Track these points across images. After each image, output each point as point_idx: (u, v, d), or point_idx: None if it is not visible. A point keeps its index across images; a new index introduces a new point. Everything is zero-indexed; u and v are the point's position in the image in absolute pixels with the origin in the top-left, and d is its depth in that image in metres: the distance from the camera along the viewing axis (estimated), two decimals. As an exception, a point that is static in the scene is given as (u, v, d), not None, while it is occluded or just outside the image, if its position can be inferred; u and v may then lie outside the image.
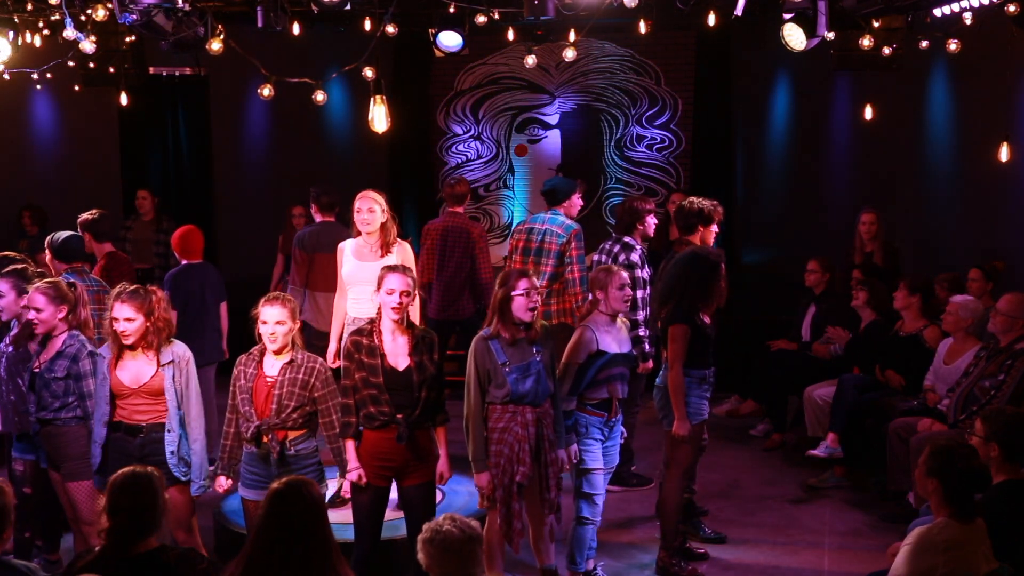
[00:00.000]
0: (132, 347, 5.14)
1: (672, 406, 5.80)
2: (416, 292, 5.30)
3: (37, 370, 5.35)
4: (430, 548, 3.56)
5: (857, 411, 7.20)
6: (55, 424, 5.34)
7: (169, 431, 5.13)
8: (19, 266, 5.96)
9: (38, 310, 5.31)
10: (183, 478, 5.15)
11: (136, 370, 5.14)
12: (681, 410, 5.76)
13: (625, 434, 5.97)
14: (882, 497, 6.94)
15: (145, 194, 9.87)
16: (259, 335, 5.07)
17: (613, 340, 5.64)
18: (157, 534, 3.72)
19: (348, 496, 5.24)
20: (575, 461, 5.57)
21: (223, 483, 5.20)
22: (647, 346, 6.87)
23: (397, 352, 5.08)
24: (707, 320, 5.91)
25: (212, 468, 5.31)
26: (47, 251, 6.70)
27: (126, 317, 5.07)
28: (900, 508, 6.54)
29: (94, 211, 7.49)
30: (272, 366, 5.08)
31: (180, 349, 5.21)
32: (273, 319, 5.03)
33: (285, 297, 5.15)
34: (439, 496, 6.23)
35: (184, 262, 7.43)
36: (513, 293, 5.21)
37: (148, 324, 5.12)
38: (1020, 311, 6.31)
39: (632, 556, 6.25)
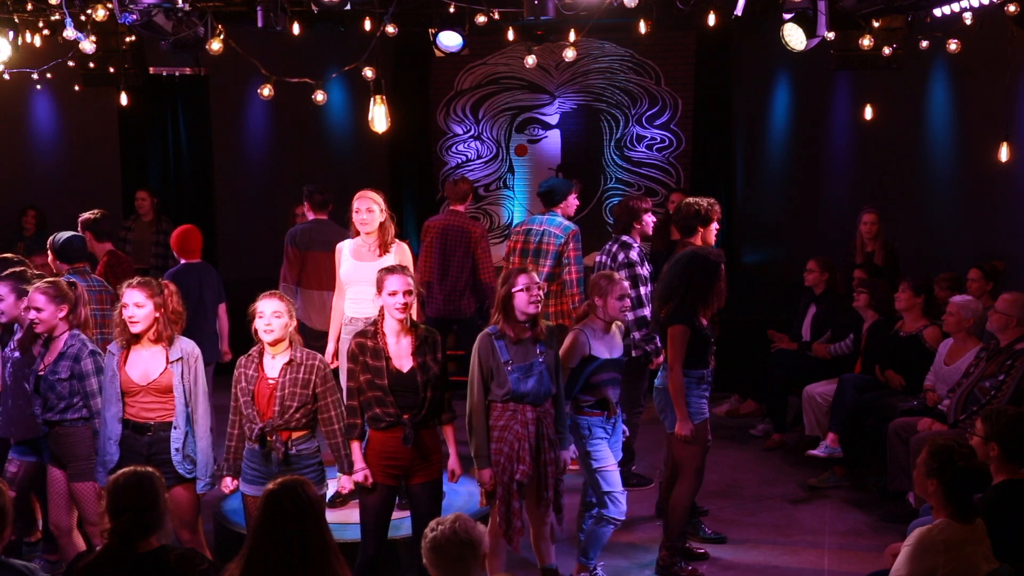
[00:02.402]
0: (139, 337, 5.13)
1: (672, 407, 5.81)
2: (417, 290, 5.31)
3: (41, 373, 5.35)
4: (424, 545, 3.57)
5: (857, 411, 7.20)
6: (62, 425, 5.33)
7: (175, 428, 5.13)
8: (17, 268, 5.95)
9: (38, 310, 5.31)
10: (188, 476, 5.14)
11: (145, 367, 5.14)
12: (683, 410, 5.76)
13: (627, 432, 5.96)
14: (882, 497, 6.94)
15: (144, 195, 9.86)
16: (255, 331, 5.07)
17: (605, 346, 5.63)
18: (158, 534, 3.72)
19: (345, 492, 5.24)
20: (573, 458, 5.57)
21: (229, 484, 5.20)
22: (658, 341, 6.85)
23: (401, 353, 5.08)
24: (704, 321, 5.90)
25: (215, 467, 5.31)
26: (49, 252, 6.70)
27: (136, 302, 5.08)
28: (900, 508, 6.55)
29: (95, 211, 7.48)
30: (272, 367, 5.07)
31: (189, 346, 5.22)
32: (270, 310, 5.03)
33: (282, 294, 5.17)
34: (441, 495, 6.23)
35: (183, 261, 7.43)
36: (514, 290, 5.22)
37: (158, 314, 5.12)
38: (1016, 310, 6.32)
39: (633, 556, 6.25)
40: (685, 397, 5.78)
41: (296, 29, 8.05)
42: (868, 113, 9.69)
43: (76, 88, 9.63)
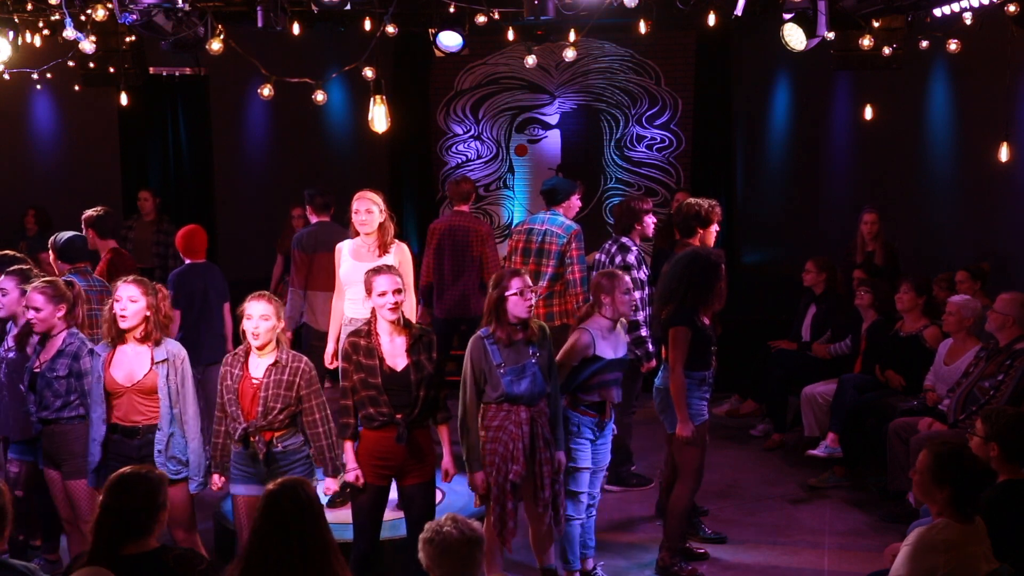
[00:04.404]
0: (125, 337, 5.12)
1: (673, 408, 5.81)
2: (408, 287, 5.30)
3: (38, 370, 5.35)
4: (430, 548, 3.56)
5: (857, 411, 7.20)
6: (58, 423, 5.33)
7: (159, 430, 5.13)
8: (24, 266, 5.97)
9: (37, 309, 5.31)
10: (174, 476, 5.11)
11: (130, 368, 5.14)
12: (684, 412, 5.76)
13: (616, 431, 5.95)
14: (882, 497, 6.94)
15: (147, 195, 9.87)
16: (243, 331, 5.08)
17: (610, 346, 5.63)
18: (156, 535, 3.71)
19: (329, 493, 5.24)
20: (564, 463, 5.56)
21: (217, 481, 5.23)
22: (650, 346, 6.86)
23: (395, 352, 5.07)
24: (706, 321, 5.90)
25: (207, 465, 5.32)
26: (50, 252, 6.70)
27: (129, 296, 5.09)
28: (900, 508, 6.55)
29: (99, 208, 7.46)
30: (257, 367, 5.08)
31: (175, 347, 5.22)
32: (258, 314, 5.03)
33: (271, 295, 5.16)
34: (439, 496, 6.22)
35: (188, 261, 7.43)
36: (507, 294, 5.21)
37: (149, 313, 5.13)
38: (1013, 310, 6.32)
39: (633, 556, 6.25)
40: (686, 398, 5.78)
41: (296, 29, 8.04)
42: (868, 113, 9.69)
43: (76, 88, 9.63)
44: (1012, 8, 6.72)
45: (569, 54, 7.78)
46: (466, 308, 7.94)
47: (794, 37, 6.74)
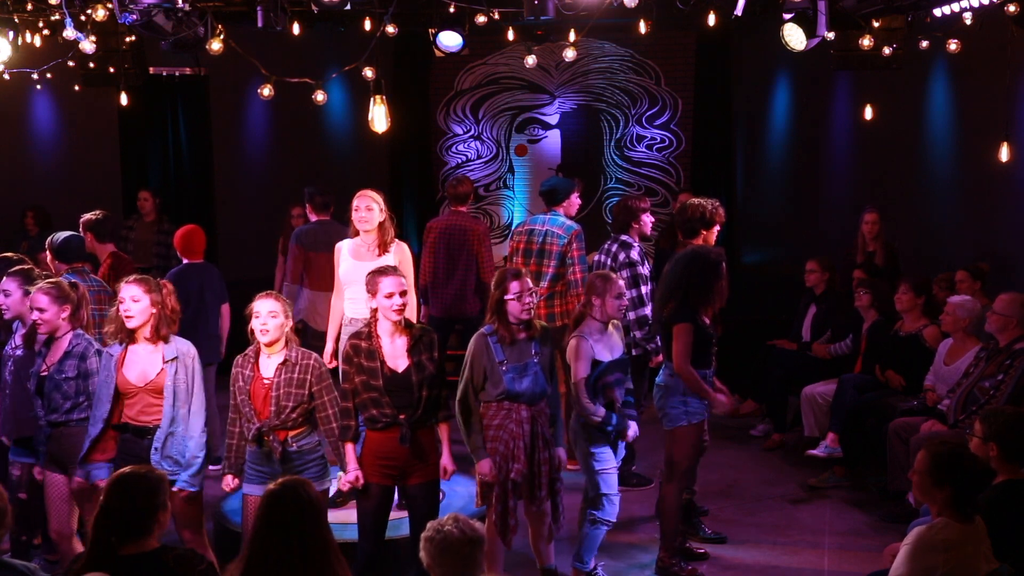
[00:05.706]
0: (135, 336, 5.13)
1: (672, 406, 5.80)
2: (409, 287, 5.32)
3: (45, 373, 5.33)
4: (430, 547, 3.56)
5: (857, 411, 7.21)
6: (67, 426, 5.32)
7: (159, 428, 5.11)
8: (26, 267, 5.96)
9: (41, 310, 5.30)
10: (172, 476, 5.09)
11: (142, 368, 5.14)
12: (707, 392, 5.77)
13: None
14: (882, 497, 6.95)
15: (147, 195, 9.87)
16: (251, 331, 5.08)
17: (605, 348, 5.62)
18: (156, 535, 3.71)
19: (344, 489, 5.24)
20: (564, 461, 5.56)
21: (230, 482, 5.22)
22: (658, 340, 6.85)
23: (396, 353, 5.08)
24: (706, 320, 5.90)
25: (219, 468, 5.32)
26: (48, 252, 6.69)
27: (132, 296, 5.09)
28: (900, 508, 6.55)
29: (97, 211, 7.47)
30: (268, 367, 5.08)
31: (184, 346, 5.22)
32: (266, 310, 5.05)
33: (278, 294, 5.19)
34: (440, 495, 6.23)
35: (185, 261, 7.43)
36: (506, 297, 5.23)
37: (155, 311, 5.13)
38: (1013, 311, 6.32)
39: (632, 556, 6.26)
40: (700, 385, 5.77)
41: (296, 29, 8.04)
42: (868, 113, 9.69)
43: (76, 88, 9.63)
44: (1012, 8, 6.71)
45: (569, 54, 7.78)
46: (462, 307, 7.95)
47: (794, 37, 6.75)
